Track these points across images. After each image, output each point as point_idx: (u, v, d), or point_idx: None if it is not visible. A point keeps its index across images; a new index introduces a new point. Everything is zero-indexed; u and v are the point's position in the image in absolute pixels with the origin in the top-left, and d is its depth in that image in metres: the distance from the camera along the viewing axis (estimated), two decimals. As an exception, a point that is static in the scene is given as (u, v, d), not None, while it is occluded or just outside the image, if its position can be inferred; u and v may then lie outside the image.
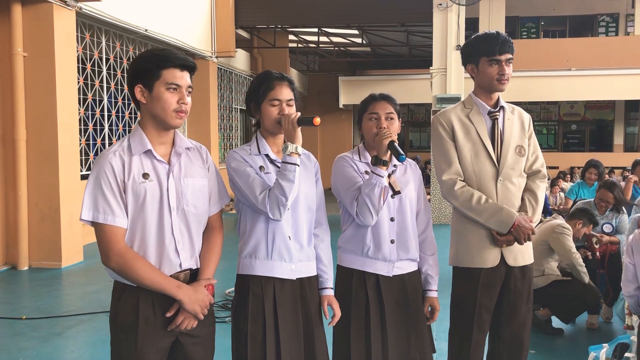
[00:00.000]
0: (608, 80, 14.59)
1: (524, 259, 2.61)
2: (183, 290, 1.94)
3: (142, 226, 1.93)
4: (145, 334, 1.93)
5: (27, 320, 4.78)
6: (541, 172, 2.66)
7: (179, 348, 2.01)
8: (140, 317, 1.92)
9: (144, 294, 1.93)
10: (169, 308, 1.94)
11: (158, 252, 1.95)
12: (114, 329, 1.98)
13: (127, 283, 1.95)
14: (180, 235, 1.99)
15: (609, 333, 4.44)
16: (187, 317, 1.95)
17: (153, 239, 1.94)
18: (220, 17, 11.48)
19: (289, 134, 2.15)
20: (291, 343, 2.20)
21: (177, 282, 1.95)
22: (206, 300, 1.98)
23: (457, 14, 9.98)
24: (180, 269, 1.99)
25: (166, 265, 1.96)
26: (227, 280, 2.25)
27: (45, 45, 6.58)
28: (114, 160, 1.92)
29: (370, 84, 15.79)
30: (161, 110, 1.93)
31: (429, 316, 2.56)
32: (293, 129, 2.13)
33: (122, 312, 1.95)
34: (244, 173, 2.18)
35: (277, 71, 2.30)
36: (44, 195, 6.70)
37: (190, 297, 1.94)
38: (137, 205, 1.92)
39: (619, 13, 18.36)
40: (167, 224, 1.96)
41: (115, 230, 1.90)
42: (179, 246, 1.98)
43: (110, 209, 1.89)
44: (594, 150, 18.12)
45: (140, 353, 1.92)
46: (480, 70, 2.57)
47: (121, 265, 1.89)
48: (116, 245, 1.90)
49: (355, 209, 2.35)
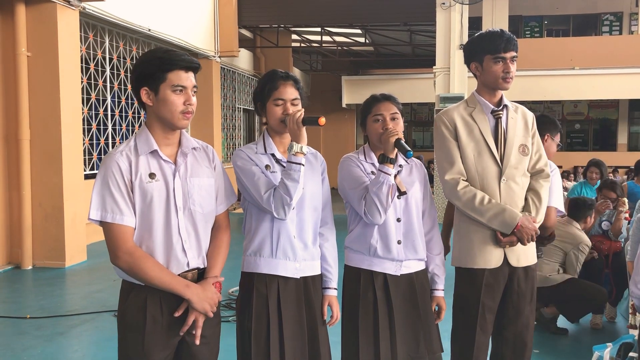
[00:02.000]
0: (612, 79, 14.54)
1: (527, 260, 2.60)
2: (191, 290, 1.94)
3: (150, 226, 1.94)
4: (152, 333, 1.93)
5: (31, 319, 4.79)
6: (545, 172, 2.64)
7: (185, 348, 2.02)
8: (148, 316, 1.93)
9: (151, 293, 1.94)
10: (174, 307, 1.95)
11: (166, 251, 1.96)
12: (122, 328, 1.99)
13: (135, 282, 1.95)
14: (187, 234, 2.00)
15: (613, 332, 4.43)
16: (199, 316, 1.96)
17: (160, 238, 1.95)
18: (223, 17, 11.49)
19: (294, 134, 2.15)
20: (295, 341, 2.20)
21: (186, 282, 1.96)
22: (215, 298, 1.99)
23: (460, 13, 9.96)
24: (187, 268, 2.00)
25: (174, 264, 1.97)
26: (231, 279, 2.26)
27: (49, 45, 6.60)
28: (121, 160, 1.93)
29: (373, 83, 15.78)
30: (168, 113, 1.94)
31: (436, 316, 2.56)
32: (298, 129, 2.13)
33: (129, 312, 1.96)
34: (250, 172, 2.19)
35: (282, 70, 2.31)
36: (47, 194, 6.72)
37: (199, 295, 1.95)
38: (145, 204, 1.93)
39: (623, 12, 18.30)
40: (174, 224, 1.96)
41: (124, 230, 1.91)
42: (186, 245, 1.99)
43: (119, 208, 1.90)
44: (598, 150, 18.06)
45: (147, 353, 1.93)
46: (485, 69, 2.55)
47: (130, 265, 1.90)
48: (125, 245, 1.91)
49: (364, 207, 2.34)
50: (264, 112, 2.27)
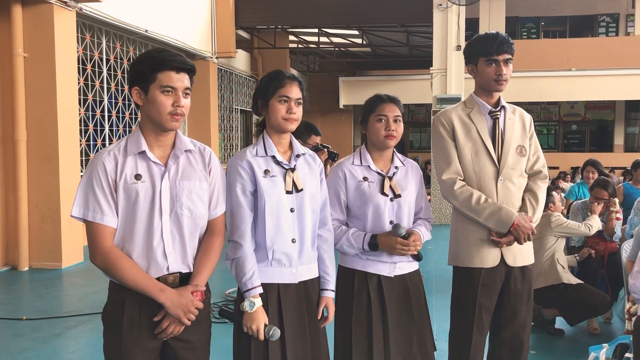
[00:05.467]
0: (608, 80, 14.59)
1: (524, 260, 2.61)
2: (166, 294, 1.92)
3: (131, 227, 1.93)
4: (129, 333, 1.93)
5: (27, 321, 4.78)
6: (542, 173, 2.66)
7: (170, 351, 2.01)
8: (125, 316, 1.93)
9: (130, 294, 1.93)
10: (154, 310, 1.93)
11: (145, 253, 1.95)
12: (104, 326, 2.01)
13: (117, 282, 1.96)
14: (172, 238, 1.97)
15: (609, 333, 4.44)
16: (173, 322, 1.94)
17: (140, 240, 1.94)
18: (221, 18, 11.48)
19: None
20: (296, 343, 2.20)
21: (161, 285, 1.93)
22: (190, 305, 1.94)
23: (457, 15, 9.98)
24: (167, 272, 1.97)
25: (153, 267, 1.95)
26: (228, 281, 2.25)
27: (46, 46, 6.59)
28: (107, 160, 1.92)
29: (370, 84, 15.79)
30: (156, 113, 1.93)
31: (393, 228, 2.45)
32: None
33: (109, 311, 1.98)
34: (235, 195, 2.17)
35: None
36: (44, 196, 6.70)
37: (173, 301, 1.92)
38: (128, 205, 1.92)
39: (619, 13, 18.36)
40: (157, 226, 1.95)
41: (103, 229, 1.91)
42: (168, 249, 1.96)
43: (100, 207, 1.90)
44: (595, 151, 18.11)
45: (125, 352, 1.93)
46: (479, 70, 2.57)
47: (105, 264, 1.91)
48: (103, 244, 1.91)
49: (336, 245, 2.44)
50: (265, 109, 2.24)
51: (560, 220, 4.45)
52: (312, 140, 3.49)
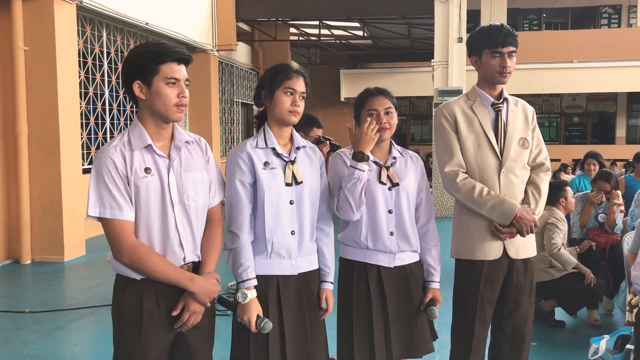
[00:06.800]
0: (610, 72, 14.55)
1: (526, 252, 2.61)
2: (195, 282, 1.95)
3: (147, 220, 1.93)
4: (149, 328, 1.93)
5: (30, 313, 4.80)
6: (545, 165, 2.65)
7: (181, 340, 2.02)
8: (145, 311, 1.93)
9: (147, 288, 1.93)
10: (172, 302, 1.95)
11: (163, 246, 1.96)
12: (118, 323, 1.98)
13: (130, 277, 1.94)
14: (184, 229, 1.99)
15: (610, 325, 4.45)
16: (193, 314, 1.96)
17: (157, 233, 1.95)
18: (221, 10, 11.45)
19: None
20: (296, 334, 2.21)
21: (190, 274, 1.97)
22: (215, 291, 2.01)
23: (458, 6, 9.93)
24: (184, 262, 2.00)
25: (171, 259, 1.96)
26: (229, 273, 2.25)
27: (46, 39, 6.57)
28: (115, 155, 1.91)
29: (371, 76, 15.76)
30: (162, 106, 1.93)
31: (424, 307, 2.49)
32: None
33: (126, 307, 1.95)
34: (233, 187, 2.17)
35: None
36: (46, 189, 6.71)
37: (202, 288, 1.96)
38: (141, 199, 1.92)
39: (622, 5, 18.29)
40: (171, 218, 1.96)
41: (124, 225, 1.90)
42: (183, 240, 1.99)
43: (117, 203, 1.89)
44: (596, 143, 18.09)
45: (144, 347, 1.93)
46: (483, 62, 2.56)
47: (133, 260, 1.89)
48: (127, 240, 1.90)
49: (336, 204, 2.35)
50: (269, 100, 2.23)
51: (552, 229, 4.34)
52: (314, 133, 3.49)
